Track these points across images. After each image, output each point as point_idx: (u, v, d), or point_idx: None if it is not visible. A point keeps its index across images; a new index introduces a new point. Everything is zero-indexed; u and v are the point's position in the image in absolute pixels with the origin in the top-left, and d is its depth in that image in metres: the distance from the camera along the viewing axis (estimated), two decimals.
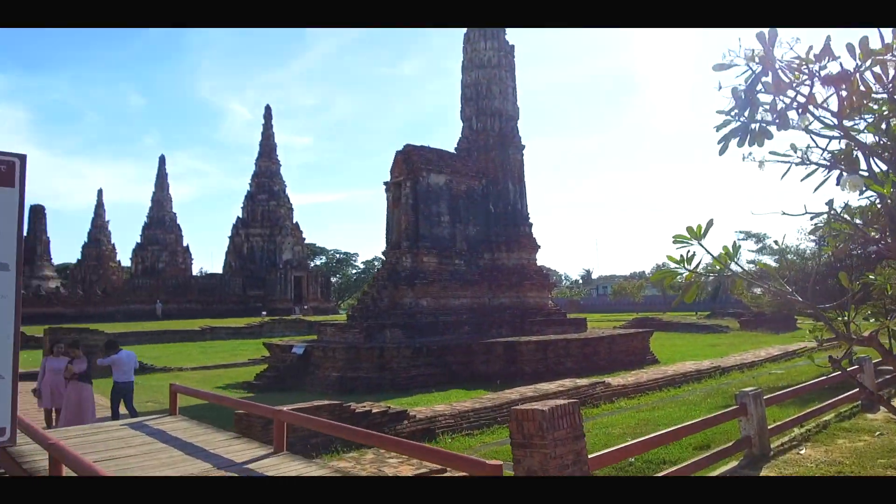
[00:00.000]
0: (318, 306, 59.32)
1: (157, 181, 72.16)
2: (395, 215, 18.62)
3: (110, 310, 50.31)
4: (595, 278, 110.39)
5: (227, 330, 36.93)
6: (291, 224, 61.96)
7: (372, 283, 17.64)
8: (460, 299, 18.95)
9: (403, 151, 18.55)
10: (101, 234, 73.93)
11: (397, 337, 16.20)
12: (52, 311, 46.82)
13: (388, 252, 18.50)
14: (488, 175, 20.90)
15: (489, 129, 21.50)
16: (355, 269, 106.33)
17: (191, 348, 29.80)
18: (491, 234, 20.62)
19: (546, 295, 21.75)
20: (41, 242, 64.22)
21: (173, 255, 69.31)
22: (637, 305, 64.45)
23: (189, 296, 56.06)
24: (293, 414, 5.55)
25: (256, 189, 62.46)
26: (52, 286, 59.39)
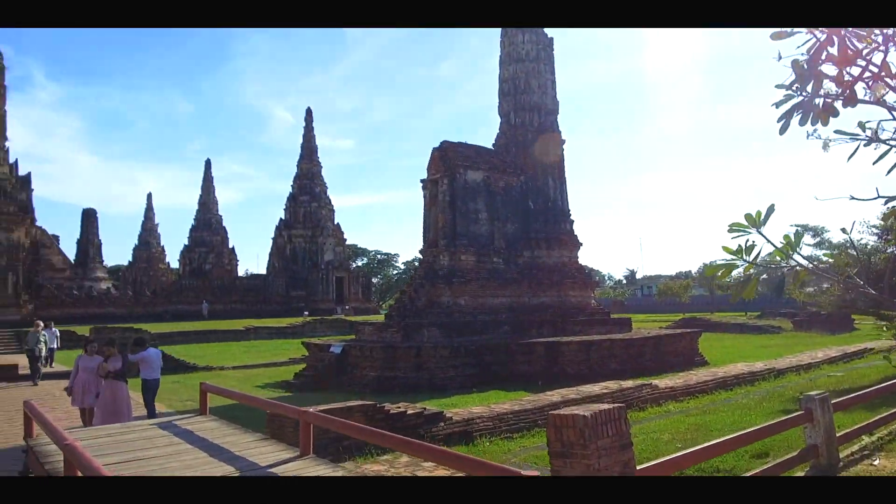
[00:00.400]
0: (360, 306, 59.64)
1: (204, 184, 73.85)
2: (432, 213, 18.33)
3: (159, 310, 51.56)
4: (639, 278, 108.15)
5: (270, 330, 37.36)
6: (333, 225, 62.49)
7: (409, 282, 17.40)
8: (499, 298, 18.52)
9: (440, 148, 18.24)
10: (151, 236, 76.15)
11: (435, 336, 15.90)
12: (104, 312, 48.24)
13: (425, 251, 18.22)
14: (527, 171, 20.41)
15: (528, 124, 21.01)
16: (396, 270, 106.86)
17: (234, 348, 30.17)
18: (530, 232, 20.12)
19: (588, 294, 21.12)
20: (93, 245, 66.38)
21: (219, 256, 70.79)
22: (683, 306, 62.70)
23: (234, 296, 57.07)
24: (318, 415, 5.28)
25: (298, 191, 63.22)
26: (103, 287, 61.31)
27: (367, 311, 58.35)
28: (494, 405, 10.97)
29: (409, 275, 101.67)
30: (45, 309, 43.96)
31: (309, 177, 63.11)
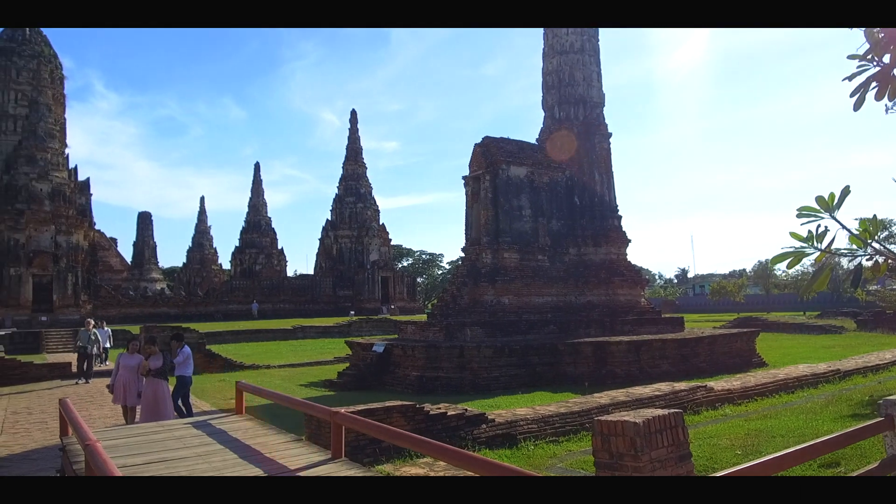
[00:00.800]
0: (405, 306, 59.78)
1: (253, 187, 75.46)
2: (475, 210, 17.98)
3: (210, 310, 52.81)
4: (691, 277, 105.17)
5: (317, 329, 37.70)
6: (378, 225, 62.84)
7: (452, 281, 17.08)
8: (544, 297, 18.02)
9: (482, 144, 17.87)
10: (204, 238, 78.33)
11: (478, 336, 15.54)
12: (158, 311, 49.72)
13: (467, 248, 17.88)
14: (572, 166, 19.82)
15: (573, 118, 20.41)
16: (441, 270, 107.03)
17: (282, 346, 30.53)
18: (576, 228, 19.53)
19: (638, 292, 20.38)
20: (149, 247, 68.68)
21: (269, 257, 72.18)
22: (737, 305, 60.44)
23: (283, 296, 58.00)
24: (348, 416, 5.02)
25: (344, 192, 63.84)
26: (158, 288, 63.30)
27: (411, 311, 58.43)
28: (539, 407, 10.55)
29: (453, 274, 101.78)
30: (102, 309, 45.60)
31: (354, 178, 63.64)
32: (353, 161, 64.00)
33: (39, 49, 62.88)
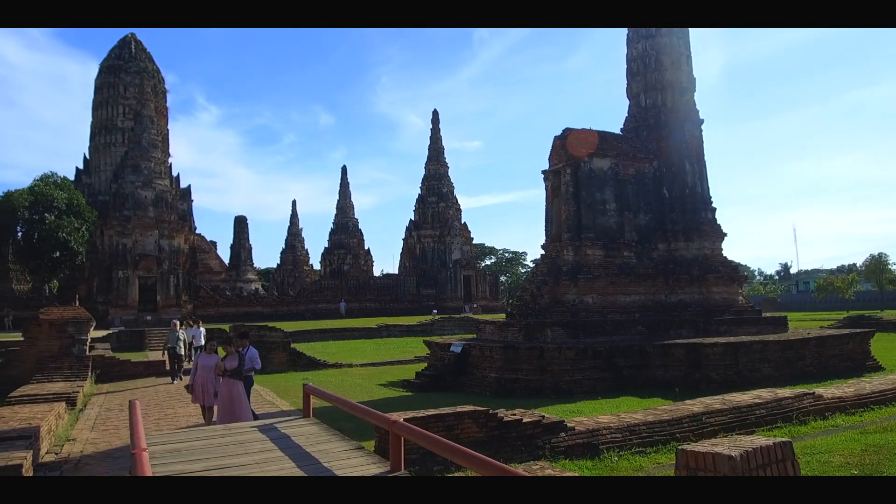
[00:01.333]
0: (487, 304, 59.39)
1: (341, 190, 77.54)
2: (555, 206, 17.25)
3: (301, 309, 54.58)
4: (794, 273, 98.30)
5: (401, 328, 38.02)
6: (460, 224, 62.80)
7: (531, 279, 16.46)
8: (631, 296, 17.04)
9: (562, 136, 17.12)
10: (296, 240, 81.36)
11: (559, 337, 14.86)
12: (253, 311, 51.93)
13: (547, 245, 17.17)
14: (660, 156, 18.64)
15: (660, 105, 19.20)
16: (524, 268, 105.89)
17: (366, 345, 30.94)
18: (665, 222, 18.35)
19: (735, 290, 18.90)
20: (244, 249, 71.99)
21: (356, 257, 73.94)
22: (847, 303, 55.71)
23: (369, 295, 59.11)
24: (405, 427, 4.66)
25: (426, 192, 64.25)
26: (252, 288, 66.23)
27: (494, 310, 57.91)
28: (624, 414, 9.81)
29: (532, 272, 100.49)
30: (202, 308, 48.16)
31: (436, 178, 63.91)
32: (435, 161, 64.28)
33: (144, 65, 67.44)
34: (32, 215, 49.92)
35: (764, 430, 10.12)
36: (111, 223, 46.81)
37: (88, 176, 66.94)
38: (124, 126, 63.24)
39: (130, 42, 70.77)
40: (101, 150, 67.15)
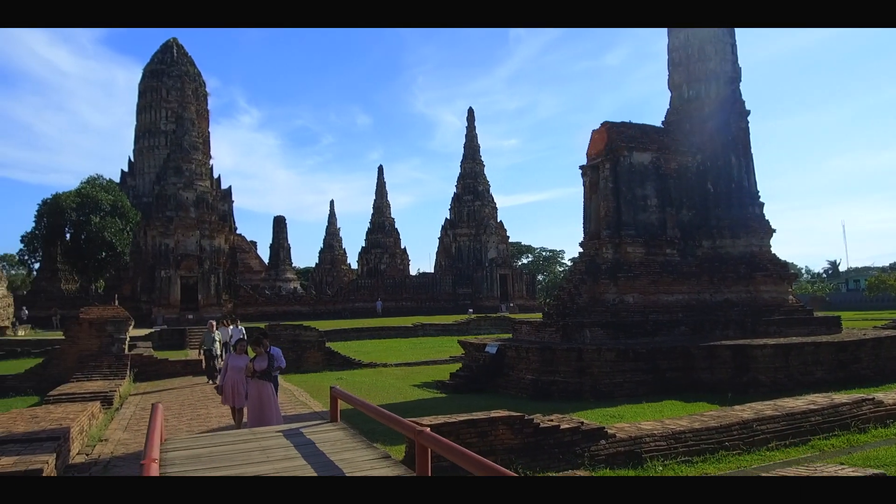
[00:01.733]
0: (524, 304, 58.72)
1: (377, 189, 77.86)
2: (593, 202, 16.69)
3: (338, 307, 54.92)
4: (843, 271, 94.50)
5: (436, 327, 37.79)
6: (496, 223, 62.26)
7: (569, 278, 15.95)
8: (674, 295, 16.36)
9: (600, 129, 16.54)
10: (334, 240, 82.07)
11: (598, 337, 14.33)
12: (291, 309, 52.47)
13: (585, 243, 16.62)
14: (704, 149, 17.88)
15: (703, 96, 18.42)
16: (562, 267, 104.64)
17: (402, 344, 30.78)
18: (710, 218, 17.59)
19: (785, 288, 18.01)
20: (283, 249, 72.91)
21: (392, 256, 74.15)
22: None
23: (405, 294, 59.13)
24: (432, 438, 4.33)
25: (462, 190, 63.91)
26: (292, 287, 66.96)
27: (531, 309, 57.21)
28: (669, 420, 9.29)
29: (570, 270, 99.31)
30: (242, 307, 48.85)
31: (472, 176, 63.51)
32: (471, 159, 63.88)
33: (185, 69, 68.88)
34: (79, 217, 51.54)
35: (820, 438, 9.47)
36: (154, 224, 47.86)
37: (133, 178, 68.80)
38: (167, 129, 64.71)
39: (172, 47, 72.44)
40: (144, 152, 68.94)
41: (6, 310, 32.97)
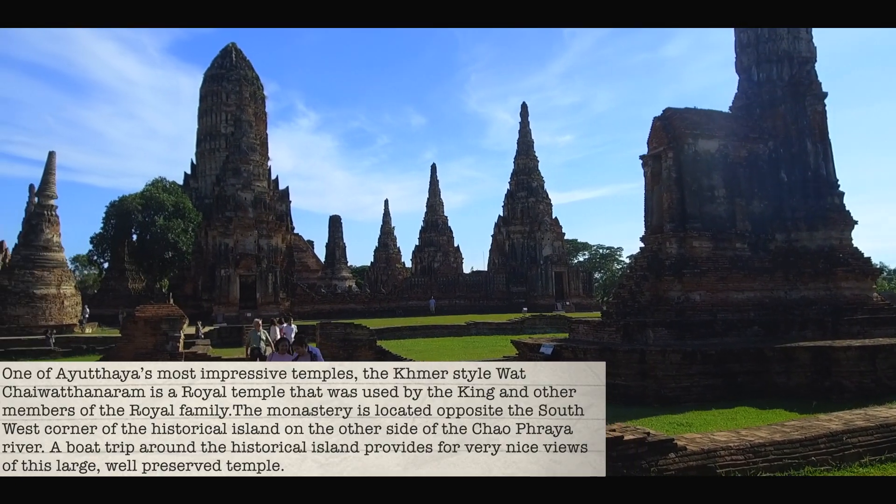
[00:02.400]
0: (580, 302, 57.31)
1: (430, 188, 77.83)
2: (655, 193, 15.71)
3: (392, 305, 55.03)
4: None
5: (490, 325, 37.16)
6: (550, 220, 61.01)
7: (629, 275, 15.05)
8: (744, 292, 15.21)
9: (662, 117, 15.55)
10: (389, 239, 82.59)
11: (662, 338, 13.40)
12: (346, 308, 52.90)
13: (647, 237, 15.66)
14: (777, 135, 16.58)
15: (775, 79, 17.09)
16: (620, 265, 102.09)
17: (454, 343, 30.32)
18: (784, 210, 16.29)
19: (869, 285, 16.52)
20: (339, 247, 73.80)
21: (446, 255, 73.97)
22: None
23: (458, 292, 58.73)
24: None
25: (516, 187, 62.96)
26: (347, 285, 67.66)
27: (588, 308, 55.74)
28: (745, 431, 8.39)
29: (630, 267, 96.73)
30: (298, 305, 49.55)
31: (525, 172, 62.46)
32: (525, 155, 62.83)
33: (244, 73, 70.52)
34: (145, 218, 53.47)
35: None
36: (214, 224, 49.09)
37: (195, 180, 71.04)
38: (226, 132, 66.40)
39: (231, 51, 74.39)
40: (206, 155, 71.08)
41: (74, 308, 34.37)
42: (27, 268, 32.00)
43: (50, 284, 32.47)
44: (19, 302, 30.79)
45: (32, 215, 33.98)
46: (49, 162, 34.73)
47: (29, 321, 30.40)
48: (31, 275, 31.81)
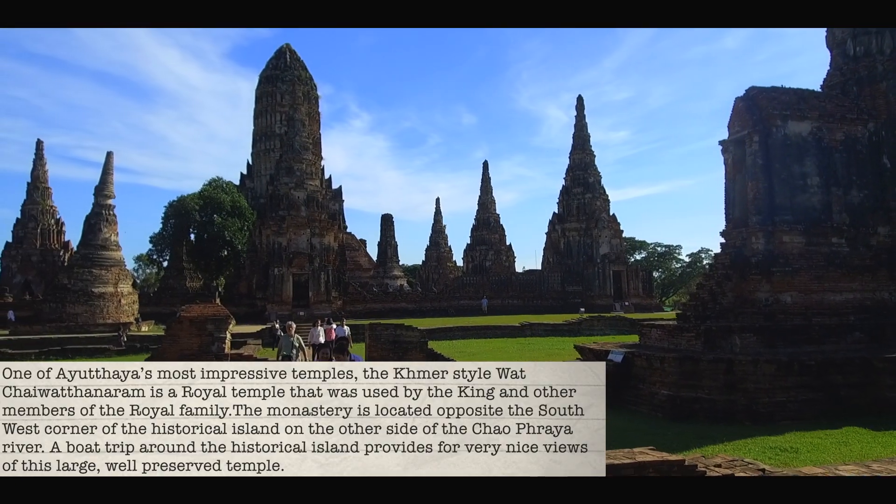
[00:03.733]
0: (640, 303, 54.94)
1: (482, 185, 76.61)
2: (738, 183, 14.05)
3: (444, 305, 54.15)
4: None
5: (545, 327, 35.70)
6: (608, 216, 58.76)
7: (709, 274, 13.46)
8: (843, 293, 13.40)
9: (746, 97, 13.87)
10: (440, 237, 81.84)
11: (750, 345, 11.81)
12: (397, 306, 52.32)
13: (729, 232, 14.01)
14: (878, 115, 14.62)
15: (875, 52, 15.11)
16: (679, 263, 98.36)
17: (509, 344, 29.07)
18: (887, 200, 14.33)
19: None
20: (390, 246, 73.41)
21: (498, 253, 72.65)
22: None
23: (510, 292, 57.32)
24: None
25: (571, 183, 60.99)
26: (399, 284, 67.18)
27: (647, 309, 53.39)
28: (877, 465, 6.86)
29: (695, 268, 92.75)
30: (350, 304, 49.23)
31: (581, 167, 60.38)
32: (581, 150, 60.74)
33: (297, 73, 70.99)
34: (202, 218, 54.26)
35: None
36: (268, 223, 49.29)
37: (251, 180, 72.00)
38: (281, 132, 66.81)
39: (286, 52, 75.05)
40: (261, 155, 71.93)
41: (131, 306, 34.82)
42: (86, 266, 32.55)
43: (108, 283, 32.95)
44: (78, 300, 31.32)
45: (91, 215, 34.60)
46: (107, 162, 35.31)
47: (87, 319, 30.87)
48: (89, 273, 32.35)
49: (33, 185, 57.13)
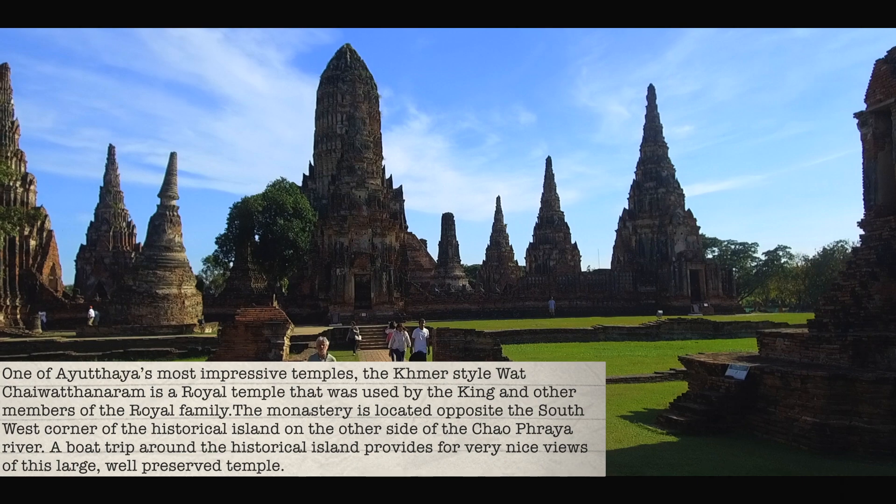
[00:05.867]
0: (720, 304, 51.33)
1: (545, 182, 74.18)
2: (881, 162, 11.64)
3: (507, 306, 52.25)
4: None
5: (620, 330, 33.26)
6: (683, 212, 55.33)
7: (849, 273, 11.12)
8: None
9: (891, 58, 11.47)
10: (501, 237, 79.89)
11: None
12: (460, 308, 50.78)
13: (871, 221, 11.60)
14: None
15: None
16: (754, 262, 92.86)
17: (584, 350, 26.90)
18: None
19: None
20: (451, 246, 72.02)
21: (562, 252, 70.02)
22: None
23: (578, 292, 54.79)
24: None
25: (643, 177, 57.87)
26: (460, 284, 65.65)
27: (728, 310, 49.78)
28: None
29: (772, 267, 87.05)
30: (412, 305, 48.02)
31: (654, 160, 57.16)
32: (653, 142, 57.51)
33: (357, 72, 70.54)
34: (266, 219, 54.24)
35: None
36: (329, 223, 48.72)
37: (313, 181, 72.09)
38: (342, 132, 66.51)
39: (346, 52, 74.86)
40: (322, 156, 71.94)
41: (195, 308, 34.59)
42: (150, 268, 32.50)
43: (171, 284, 32.80)
44: (143, 302, 31.24)
45: (155, 216, 34.61)
46: (171, 163, 35.25)
47: (151, 321, 30.73)
48: (153, 275, 32.27)
49: (106, 189, 58.78)
